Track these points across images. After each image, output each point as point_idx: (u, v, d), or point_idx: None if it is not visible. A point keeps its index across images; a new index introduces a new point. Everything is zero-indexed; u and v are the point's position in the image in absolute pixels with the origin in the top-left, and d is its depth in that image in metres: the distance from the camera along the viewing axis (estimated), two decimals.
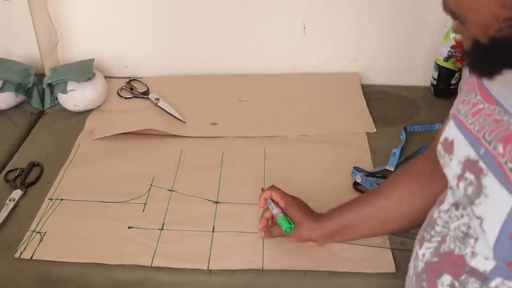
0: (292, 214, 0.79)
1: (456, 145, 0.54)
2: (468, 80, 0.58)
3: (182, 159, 1.03)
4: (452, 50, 1.14)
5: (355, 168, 0.96)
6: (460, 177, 0.51)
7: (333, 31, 1.24)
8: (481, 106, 0.52)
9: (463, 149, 0.52)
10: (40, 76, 1.21)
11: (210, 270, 0.80)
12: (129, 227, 0.87)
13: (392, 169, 0.97)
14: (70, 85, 1.13)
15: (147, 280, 0.80)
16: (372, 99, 1.20)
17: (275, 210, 0.80)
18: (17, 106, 1.18)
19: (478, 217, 0.47)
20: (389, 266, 0.78)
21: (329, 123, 1.12)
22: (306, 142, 1.07)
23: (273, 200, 0.82)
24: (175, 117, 1.14)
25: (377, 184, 0.92)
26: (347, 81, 1.26)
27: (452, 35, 1.12)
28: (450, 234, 0.53)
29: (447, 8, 0.45)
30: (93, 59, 1.21)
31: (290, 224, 0.77)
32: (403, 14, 1.20)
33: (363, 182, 0.93)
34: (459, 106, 0.56)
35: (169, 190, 0.95)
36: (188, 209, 0.90)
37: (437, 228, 0.56)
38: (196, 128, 1.11)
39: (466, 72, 0.62)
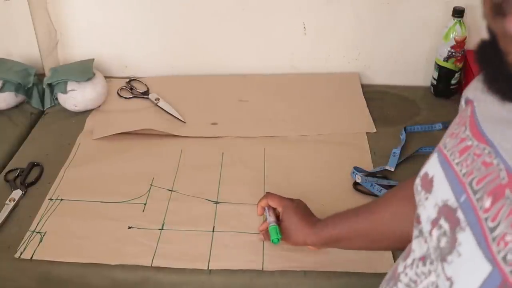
0: (289, 219, 0.79)
1: (435, 183, 0.47)
2: (461, 112, 0.52)
3: (182, 159, 1.02)
4: (452, 50, 1.14)
5: (355, 168, 0.96)
6: (435, 223, 0.45)
7: (333, 31, 1.24)
8: (469, 143, 0.45)
9: (442, 191, 0.46)
10: (40, 76, 1.21)
11: (210, 270, 0.80)
12: (129, 227, 0.87)
13: (392, 169, 0.97)
14: (70, 85, 1.13)
15: (147, 280, 0.80)
16: (372, 99, 1.20)
17: (269, 219, 0.81)
18: (17, 106, 1.18)
19: (449, 279, 0.40)
20: (389, 266, 0.78)
21: (329, 123, 1.12)
22: (306, 142, 1.07)
23: (270, 207, 0.82)
24: (175, 117, 1.14)
25: (377, 184, 0.92)
26: (347, 81, 1.26)
27: (452, 35, 1.12)
28: None
29: None
30: (93, 59, 1.21)
31: (277, 234, 0.78)
32: (403, 14, 1.20)
33: (363, 182, 0.93)
34: (446, 139, 0.50)
35: (169, 190, 0.95)
36: (188, 209, 0.90)
37: (400, 285, 0.50)
38: (196, 128, 1.11)
39: (462, 102, 0.55)
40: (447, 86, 1.19)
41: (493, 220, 0.37)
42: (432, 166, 0.50)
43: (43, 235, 0.85)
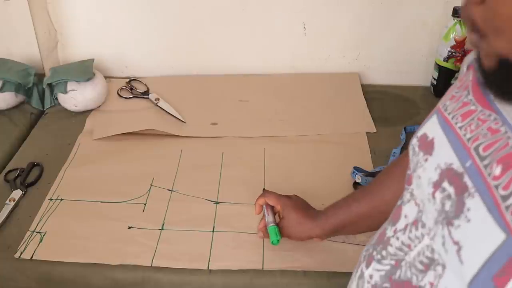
0: (289, 216, 0.79)
1: (437, 146, 0.47)
2: (462, 76, 0.52)
3: (182, 159, 1.03)
4: (452, 50, 1.14)
5: (355, 168, 0.96)
6: (437, 185, 0.45)
7: (333, 31, 1.24)
8: (472, 107, 0.45)
9: (445, 154, 0.45)
10: (40, 76, 1.21)
11: (210, 270, 0.80)
12: (129, 227, 0.87)
13: None
14: (70, 85, 1.13)
15: (147, 280, 0.80)
16: (372, 99, 1.20)
17: (267, 218, 0.81)
18: (17, 106, 1.18)
19: (456, 243, 0.40)
20: None
21: (329, 123, 1.12)
22: (306, 142, 1.07)
23: (268, 205, 0.82)
24: (175, 117, 1.14)
25: None
26: (347, 81, 1.26)
27: (452, 35, 1.12)
28: (406, 259, 0.47)
29: (469, 19, 0.37)
30: (93, 59, 1.21)
31: (277, 236, 0.78)
32: (403, 14, 1.20)
33: (363, 182, 0.93)
34: (446, 102, 0.50)
35: (169, 190, 0.95)
36: (188, 209, 0.90)
37: (390, 249, 0.50)
38: (196, 128, 1.11)
39: (463, 67, 0.55)
40: (447, 86, 1.18)
41: (505, 189, 0.37)
42: (432, 128, 0.49)
43: (43, 235, 0.85)
